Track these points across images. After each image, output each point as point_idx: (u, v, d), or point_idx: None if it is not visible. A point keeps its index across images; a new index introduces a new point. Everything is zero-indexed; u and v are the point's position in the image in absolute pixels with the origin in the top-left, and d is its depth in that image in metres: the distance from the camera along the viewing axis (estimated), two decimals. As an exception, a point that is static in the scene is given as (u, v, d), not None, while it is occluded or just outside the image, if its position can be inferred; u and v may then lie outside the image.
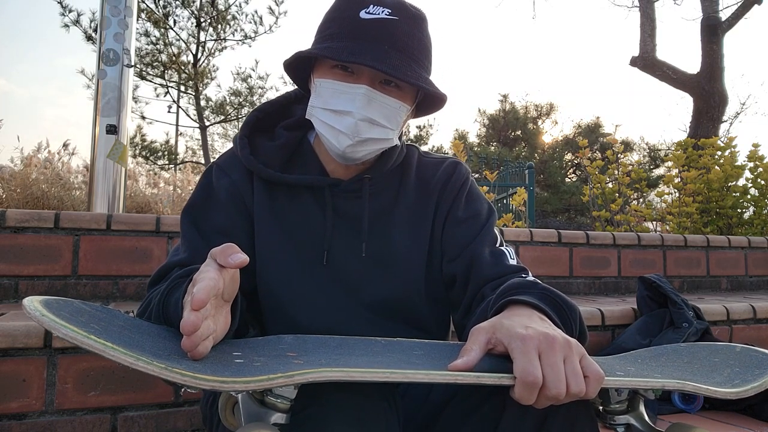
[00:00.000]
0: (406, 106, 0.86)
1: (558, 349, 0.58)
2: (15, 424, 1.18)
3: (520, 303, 0.70)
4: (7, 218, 1.66)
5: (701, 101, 7.23)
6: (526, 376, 0.57)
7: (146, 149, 11.08)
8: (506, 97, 19.01)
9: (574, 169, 17.39)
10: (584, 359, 0.60)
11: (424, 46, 0.86)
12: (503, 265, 0.88)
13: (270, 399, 0.58)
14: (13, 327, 1.19)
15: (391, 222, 0.91)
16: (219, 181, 0.90)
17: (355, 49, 0.79)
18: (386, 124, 0.83)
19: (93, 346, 0.50)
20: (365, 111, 0.80)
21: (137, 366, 0.51)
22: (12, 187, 3.24)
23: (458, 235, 0.91)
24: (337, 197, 0.89)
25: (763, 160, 3.90)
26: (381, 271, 0.88)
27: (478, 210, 0.95)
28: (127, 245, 1.77)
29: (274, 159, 0.89)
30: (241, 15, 9.99)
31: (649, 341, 1.75)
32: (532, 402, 0.58)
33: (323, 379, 0.54)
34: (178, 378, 0.51)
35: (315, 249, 0.87)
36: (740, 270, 2.88)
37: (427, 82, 0.83)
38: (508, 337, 0.61)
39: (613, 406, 0.71)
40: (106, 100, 2.60)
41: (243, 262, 0.61)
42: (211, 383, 0.51)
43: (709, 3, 7.40)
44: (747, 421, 1.54)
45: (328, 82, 0.82)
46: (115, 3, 2.62)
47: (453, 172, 0.96)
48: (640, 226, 4.18)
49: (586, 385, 0.58)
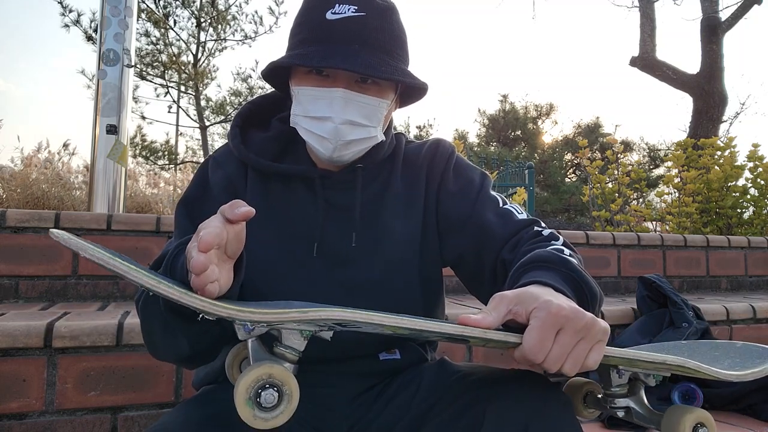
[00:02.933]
0: (386, 101, 0.84)
1: (579, 330, 0.58)
2: (15, 424, 1.18)
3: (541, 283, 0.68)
4: (7, 218, 1.66)
5: (701, 101, 7.24)
6: (532, 349, 0.58)
7: (146, 149, 11.09)
8: (506, 97, 19.03)
9: (574, 169, 17.40)
10: (596, 347, 0.60)
11: (396, 37, 0.84)
12: (513, 222, 0.86)
13: (279, 349, 0.58)
14: (13, 327, 1.19)
15: (383, 209, 0.90)
16: (214, 173, 0.89)
17: (325, 53, 0.78)
18: (368, 123, 0.82)
19: (118, 267, 0.51)
20: (344, 114, 0.80)
21: (158, 288, 0.51)
22: (12, 187, 3.24)
23: (455, 208, 0.90)
24: (329, 188, 0.88)
25: (762, 160, 3.90)
26: (372, 258, 0.87)
27: (470, 178, 0.93)
28: (127, 245, 1.77)
29: (266, 149, 0.88)
30: (241, 15, 9.99)
31: (649, 341, 1.75)
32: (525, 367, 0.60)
33: (336, 318, 0.54)
34: (197, 303, 0.52)
35: (307, 240, 0.86)
36: (740, 270, 2.88)
37: (404, 74, 0.82)
38: (535, 303, 0.60)
39: (613, 389, 0.71)
40: (106, 100, 2.60)
41: (248, 214, 0.61)
42: (228, 311, 0.53)
43: (709, 3, 7.40)
44: (747, 421, 1.54)
45: (305, 89, 0.82)
46: (115, 3, 2.62)
47: (437, 150, 0.95)
48: (639, 226, 4.18)
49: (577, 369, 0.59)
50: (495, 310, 0.61)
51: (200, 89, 9.95)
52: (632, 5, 8.46)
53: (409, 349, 0.90)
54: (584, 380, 0.79)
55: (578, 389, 0.79)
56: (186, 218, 0.87)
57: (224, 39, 9.79)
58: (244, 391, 0.54)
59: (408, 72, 0.84)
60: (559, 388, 0.72)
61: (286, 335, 0.58)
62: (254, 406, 0.54)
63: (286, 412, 0.55)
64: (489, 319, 0.60)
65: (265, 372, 0.54)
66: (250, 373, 0.54)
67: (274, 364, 0.55)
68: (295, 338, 0.58)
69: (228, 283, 0.63)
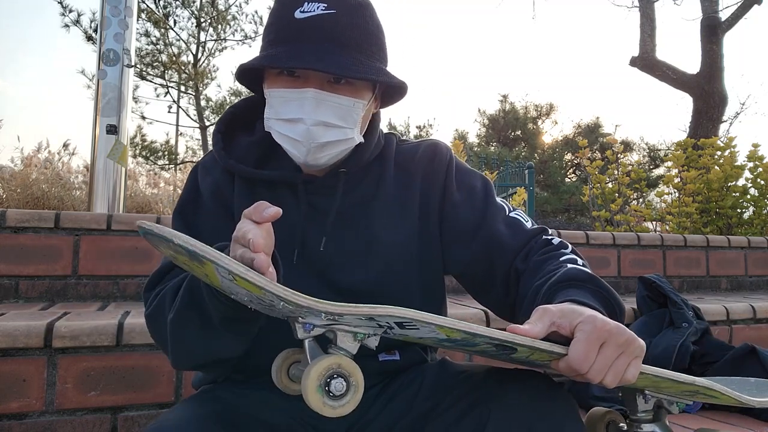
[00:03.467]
0: (362, 101, 0.81)
1: (620, 344, 0.61)
2: (15, 424, 1.18)
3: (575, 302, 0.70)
4: (7, 218, 1.66)
5: (701, 101, 7.24)
6: (578, 360, 0.60)
7: (146, 149, 11.09)
8: (506, 97, 19.04)
9: (574, 169, 17.40)
10: (634, 362, 0.62)
11: (370, 33, 0.81)
12: (523, 231, 0.86)
13: (334, 350, 0.61)
14: (13, 327, 1.19)
15: (371, 213, 0.87)
16: (203, 179, 0.88)
17: (293, 53, 0.76)
18: (342, 124, 0.79)
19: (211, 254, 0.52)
20: (316, 115, 0.77)
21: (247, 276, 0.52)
22: (12, 187, 3.24)
23: (462, 220, 0.88)
24: (312, 194, 0.86)
25: (762, 160, 3.90)
26: (354, 262, 0.85)
27: (473, 186, 0.91)
28: (127, 245, 1.77)
29: (248, 155, 0.87)
30: (241, 15, 10.04)
31: (649, 341, 1.75)
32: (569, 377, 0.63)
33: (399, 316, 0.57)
34: (280, 291, 0.54)
35: (288, 247, 0.84)
36: (740, 270, 2.88)
37: (379, 73, 0.79)
38: (580, 318, 0.62)
39: (639, 414, 0.74)
40: (106, 100, 2.60)
41: (276, 214, 0.62)
42: (308, 301, 0.55)
43: (708, 3, 7.41)
44: (747, 421, 1.54)
45: (276, 91, 0.79)
46: (115, 3, 2.62)
47: (434, 155, 0.92)
48: (639, 226, 4.18)
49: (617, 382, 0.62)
50: (540, 321, 0.63)
51: (200, 89, 9.96)
52: (632, 5, 8.47)
53: (409, 350, 0.89)
54: (605, 409, 0.80)
55: (600, 419, 0.80)
56: (184, 228, 0.85)
57: (224, 39, 9.80)
58: (316, 379, 0.56)
59: (384, 71, 0.82)
60: (563, 388, 0.73)
61: (341, 337, 0.61)
62: (324, 393, 0.56)
63: (352, 401, 0.57)
64: (536, 330, 0.62)
65: (336, 362, 0.57)
66: (322, 362, 0.56)
67: (343, 356, 0.58)
68: (349, 341, 0.61)
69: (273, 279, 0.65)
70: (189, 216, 0.87)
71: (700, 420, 1.55)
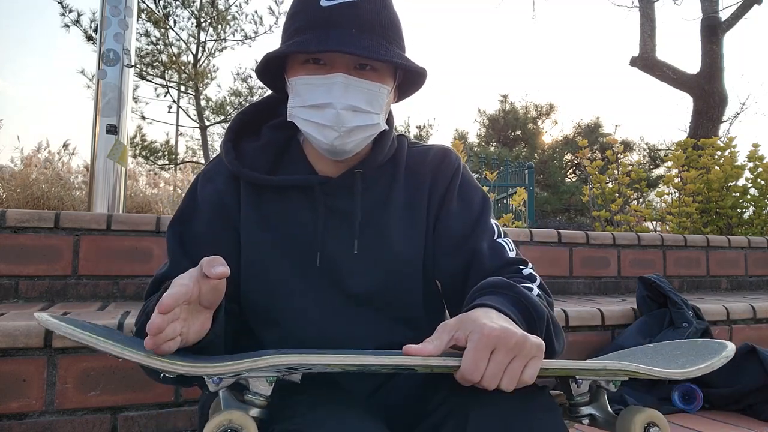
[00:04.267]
0: (387, 87, 0.83)
1: (511, 348, 0.61)
2: (15, 424, 1.18)
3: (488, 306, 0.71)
4: (7, 218, 1.66)
5: (701, 101, 7.24)
6: (468, 371, 0.61)
7: (146, 149, 11.08)
8: (506, 97, 19.04)
9: (574, 169, 17.40)
10: (531, 363, 0.62)
11: (392, 22, 0.83)
12: (502, 258, 0.86)
13: (248, 396, 0.64)
14: (13, 327, 1.19)
15: (386, 216, 0.88)
16: (203, 190, 0.88)
17: (322, 38, 0.77)
18: (370, 109, 0.80)
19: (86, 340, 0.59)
20: (345, 99, 0.78)
21: (123, 355, 0.59)
22: (12, 187, 3.24)
23: (453, 228, 0.89)
24: (329, 195, 0.86)
25: (762, 160, 3.90)
26: (374, 267, 0.86)
27: (472, 200, 0.92)
28: (127, 245, 1.77)
29: (260, 161, 0.87)
30: (241, 15, 9.99)
31: (649, 341, 1.75)
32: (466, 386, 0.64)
33: (283, 363, 0.60)
34: (158, 364, 0.60)
35: (307, 250, 0.85)
36: (740, 270, 2.88)
37: (402, 58, 0.81)
38: (471, 327, 0.63)
39: (576, 399, 0.75)
40: (106, 100, 2.60)
41: (223, 274, 0.64)
42: (185, 368, 0.60)
43: (709, 3, 7.41)
44: (747, 421, 1.54)
45: (303, 78, 0.80)
46: (115, 3, 2.62)
47: (443, 160, 0.93)
48: (640, 226, 4.18)
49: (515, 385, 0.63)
50: (438, 338, 0.65)
51: (200, 89, 9.96)
52: (632, 5, 8.47)
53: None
54: (557, 392, 0.79)
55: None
56: (174, 238, 0.87)
57: (224, 39, 9.79)
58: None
59: (406, 57, 0.83)
60: (545, 391, 0.73)
61: (254, 383, 0.64)
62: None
63: None
64: (430, 347, 0.63)
65: (225, 418, 0.60)
66: (212, 420, 0.60)
67: (233, 410, 0.61)
68: (262, 385, 0.64)
69: (201, 331, 0.68)
70: (183, 229, 0.87)
71: (700, 419, 1.55)
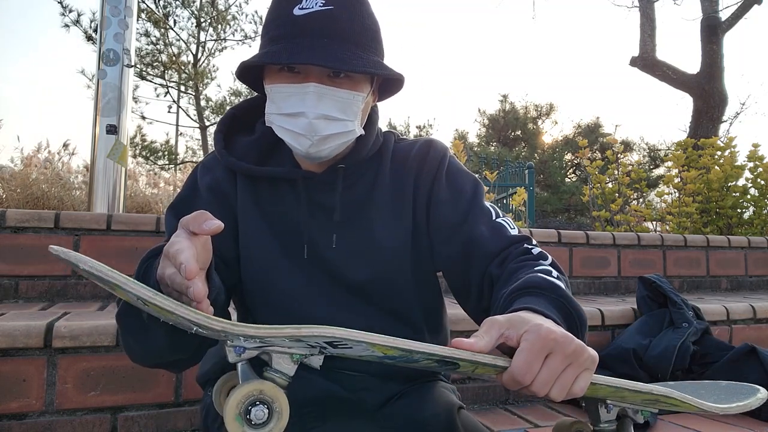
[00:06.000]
0: (361, 94, 0.82)
1: (568, 355, 0.58)
2: (15, 424, 1.18)
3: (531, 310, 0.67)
4: (7, 218, 1.66)
5: (701, 101, 7.24)
6: (519, 372, 0.57)
7: (146, 149, 11.09)
8: (506, 97, 19.03)
9: (574, 169, 17.40)
10: (583, 374, 0.59)
11: (367, 28, 0.83)
12: (504, 236, 0.85)
13: (270, 374, 0.58)
14: (13, 327, 1.19)
15: (370, 210, 0.89)
16: (203, 178, 0.90)
17: (294, 49, 0.77)
18: (344, 117, 0.81)
19: (116, 279, 0.51)
20: (318, 108, 0.79)
21: (155, 300, 0.51)
22: (12, 187, 3.24)
23: (445, 216, 0.88)
24: (312, 189, 0.88)
25: (762, 160, 3.90)
26: (358, 259, 0.87)
27: (462, 186, 0.91)
28: (127, 245, 1.77)
29: (249, 153, 0.89)
30: (241, 15, 10.03)
31: (649, 341, 1.75)
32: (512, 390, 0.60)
33: (327, 335, 0.54)
34: (192, 316, 0.52)
35: (296, 242, 0.88)
36: (740, 270, 2.88)
37: (377, 66, 0.81)
38: (526, 327, 0.60)
39: (602, 425, 0.71)
40: (106, 100, 2.60)
41: (218, 228, 0.59)
42: (222, 325, 0.52)
43: (709, 3, 7.41)
44: (747, 421, 1.54)
45: (277, 86, 0.81)
46: (115, 3, 2.62)
47: (428, 151, 0.93)
48: (640, 226, 4.18)
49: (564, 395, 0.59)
50: (487, 334, 0.60)
51: (200, 89, 9.96)
52: (632, 5, 8.47)
53: None
54: (572, 419, 0.78)
55: (567, 428, 0.79)
56: (175, 221, 0.86)
57: (224, 39, 9.80)
58: (234, 407, 0.53)
59: (382, 64, 0.83)
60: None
61: (276, 359, 0.58)
62: (243, 422, 0.53)
63: (275, 429, 0.54)
64: (481, 343, 0.59)
65: (256, 388, 0.54)
66: (241, 388, 0.54)
67: (265, 381, 0.55)
68: (286, 363, 0.58)
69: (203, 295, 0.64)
70: (182, 210, 0.86)
71: (701, 420, 1.55)
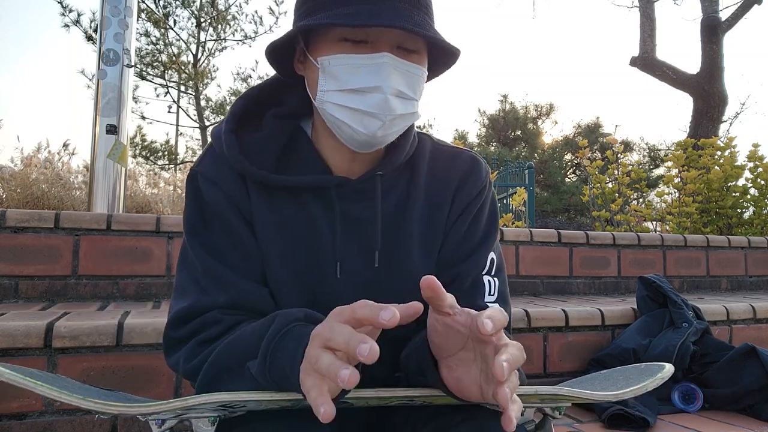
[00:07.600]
0: (425, 70, 0.73)
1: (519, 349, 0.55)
2: (15, 423, 1.18)
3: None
4: (7, 218, 1.66)
5: (701, 101, 7.24)
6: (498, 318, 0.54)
7: (146, 149, 11.09)
8: (506, 97, 19.01)
9: (574, 169, 17.39)
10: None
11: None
12: (473, 304, 0.75)
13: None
14: (13, 327, 1.19)
15: (404, 224, 0.79)
16: (209, 194, 0.75)
17: (372, 11, 0.66)
18: (413, 96, 0.71)
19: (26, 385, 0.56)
20: (394, 83, 0.67)
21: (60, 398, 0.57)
22: (12, 187, 3.24)
23: (449, 248, 0.81)
24: (344, 199, 0.76)
25: (762, 160, 3.91)
26: (393, 279, 0.77)
27: (479, 228, 0.83)
28: (127, 245, 1.77)
29: (265, 155, 0.75)
30: (241, 15, 10.03)
31: (649, 341, 1.75)
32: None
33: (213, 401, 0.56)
34: (92, 405, 0.58)
35: (326, 260, 0.76)
36: (740, 270, 2.88)
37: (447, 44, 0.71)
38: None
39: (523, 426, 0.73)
40: (106, 100, 2.60)
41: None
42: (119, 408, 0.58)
43: (709, 3, 7.40)
44: (747, 421, 1.54)
45: (341, 57, 0.68)
46: (115, 3, 2.62)
47: (471, 172, 0.83)
48: (640, 226, 4.18)
49: None
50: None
51: (200, 89, 9.96)
52: (632, 5, 8.48)
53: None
54: None
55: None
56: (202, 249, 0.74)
57: (224, 39, 9.80)
58: None
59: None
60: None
61: (196, 423, 0.62)
62: None
63: None
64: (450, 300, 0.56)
65: None
66: None
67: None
68: (204, 425, 0.61)
69: None
70: (203, 236, 0.75)
71: (700, 420, 1.54)
